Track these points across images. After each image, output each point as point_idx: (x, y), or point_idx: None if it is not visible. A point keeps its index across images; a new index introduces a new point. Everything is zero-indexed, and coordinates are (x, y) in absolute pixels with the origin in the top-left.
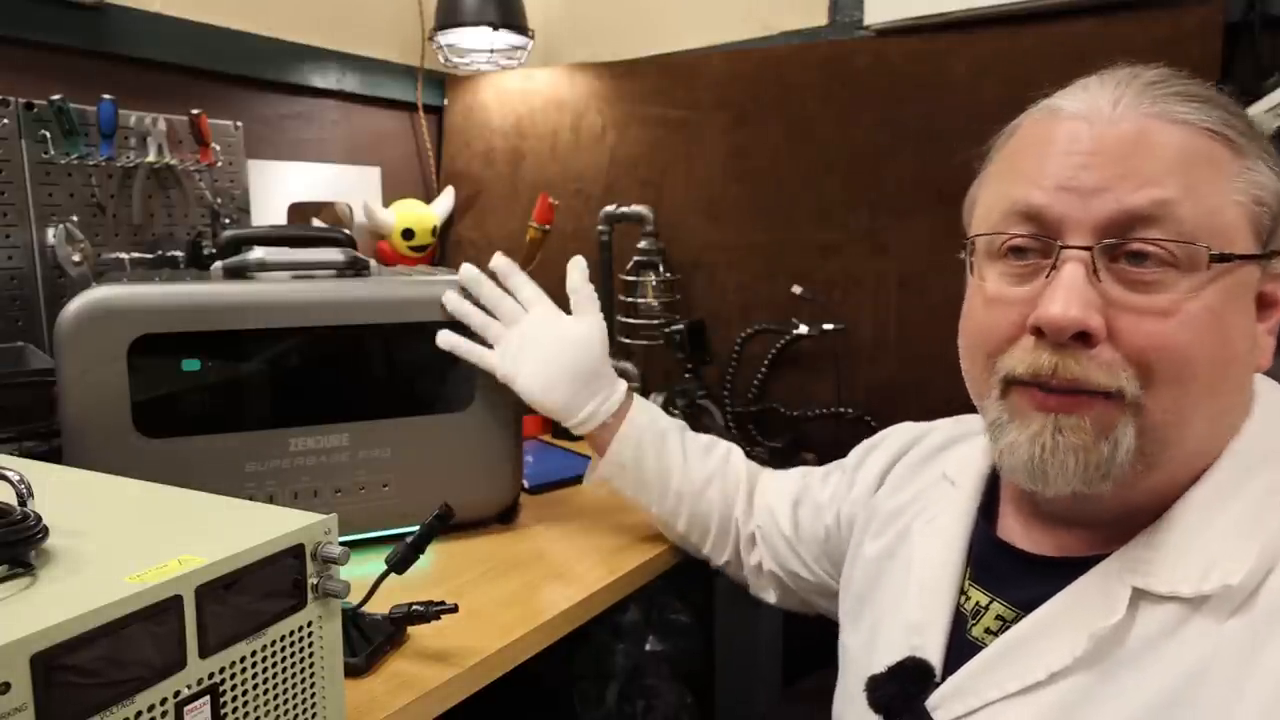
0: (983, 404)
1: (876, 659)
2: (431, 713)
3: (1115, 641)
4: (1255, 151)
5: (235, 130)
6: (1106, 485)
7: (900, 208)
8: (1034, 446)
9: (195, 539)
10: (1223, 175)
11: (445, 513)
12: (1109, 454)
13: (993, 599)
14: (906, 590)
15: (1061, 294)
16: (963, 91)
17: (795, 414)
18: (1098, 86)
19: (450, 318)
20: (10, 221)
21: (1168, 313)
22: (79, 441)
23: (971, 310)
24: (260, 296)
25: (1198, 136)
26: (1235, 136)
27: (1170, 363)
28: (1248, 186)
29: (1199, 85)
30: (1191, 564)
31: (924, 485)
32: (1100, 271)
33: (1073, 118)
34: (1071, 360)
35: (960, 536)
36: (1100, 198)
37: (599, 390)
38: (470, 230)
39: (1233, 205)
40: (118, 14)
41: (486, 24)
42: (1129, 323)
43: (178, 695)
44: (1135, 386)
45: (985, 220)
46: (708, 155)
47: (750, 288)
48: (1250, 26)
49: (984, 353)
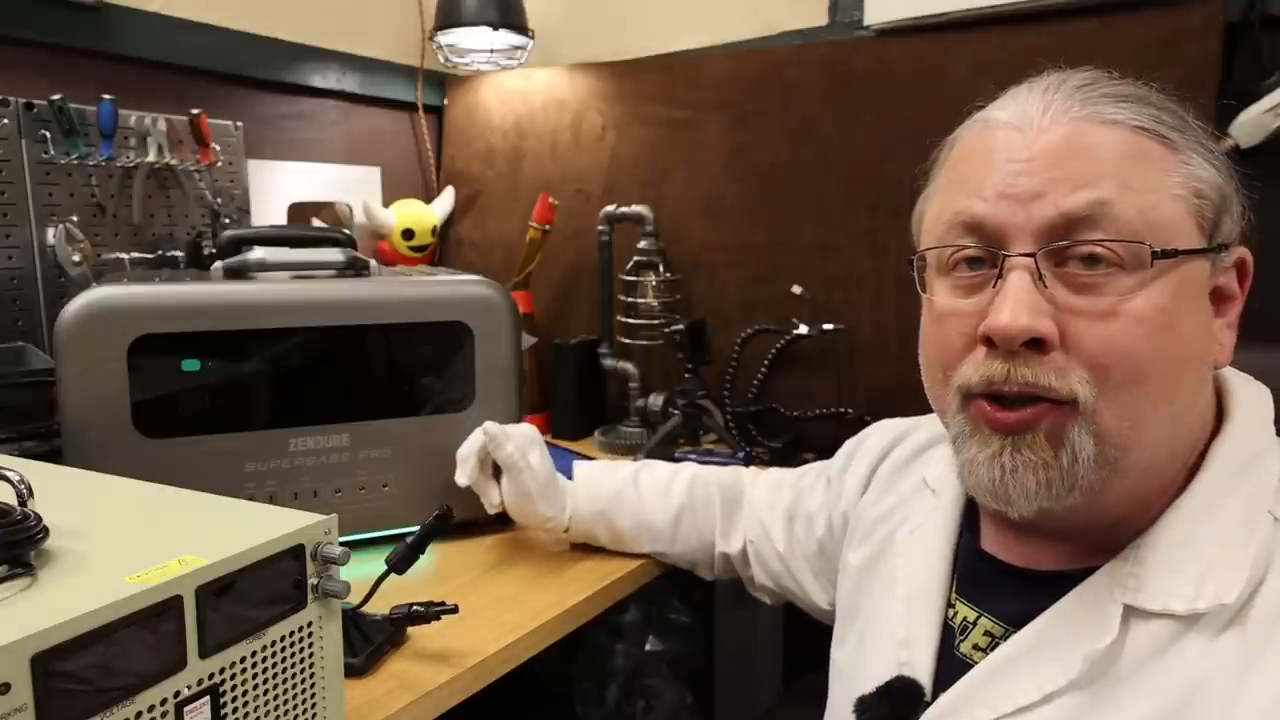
0: (945, 420)
1: (864, 675)
2: (431, 713)
3: (1109, 660)
4: (1190, 145)
5: (235, 130)
6: (1075, 497)
7: (900, 208)
8: (993, 468)
9: (195, 539)
10: (1158, 171)
11: (445, 513)
12: (1069, 466)
13: (980, 614)
14: (892, 604)
15: (1009, 302)
16: (963, 91)
17: (795, 414)
18: (1026, 94)
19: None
20: (10, 221)
21: (1115, 313)
22: (79, 441)
23: (925, 327)
24: (260, 296)
25: (1129, 135)
26: (1167, 132)
27: (1123, 365)
28: (1185, 180)
29: (1129, 84)
30: (1182, 579)
31: (906, 492)
32: (1047, 277)
33: (1006, 127)
34: (1024, 367)
35: (944, 548)
36: (1038, 203)
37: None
38: (470, 230)
39: (1172, 200)
40: (118, 14)
41: (486, 24)
42: (1080, 327)
43: (178, 695)
44: (1090, 391)
45: (931, 235)
46: (708, 155)
47: (750, 288)
48: (1250, 26)
49: (940, 367)
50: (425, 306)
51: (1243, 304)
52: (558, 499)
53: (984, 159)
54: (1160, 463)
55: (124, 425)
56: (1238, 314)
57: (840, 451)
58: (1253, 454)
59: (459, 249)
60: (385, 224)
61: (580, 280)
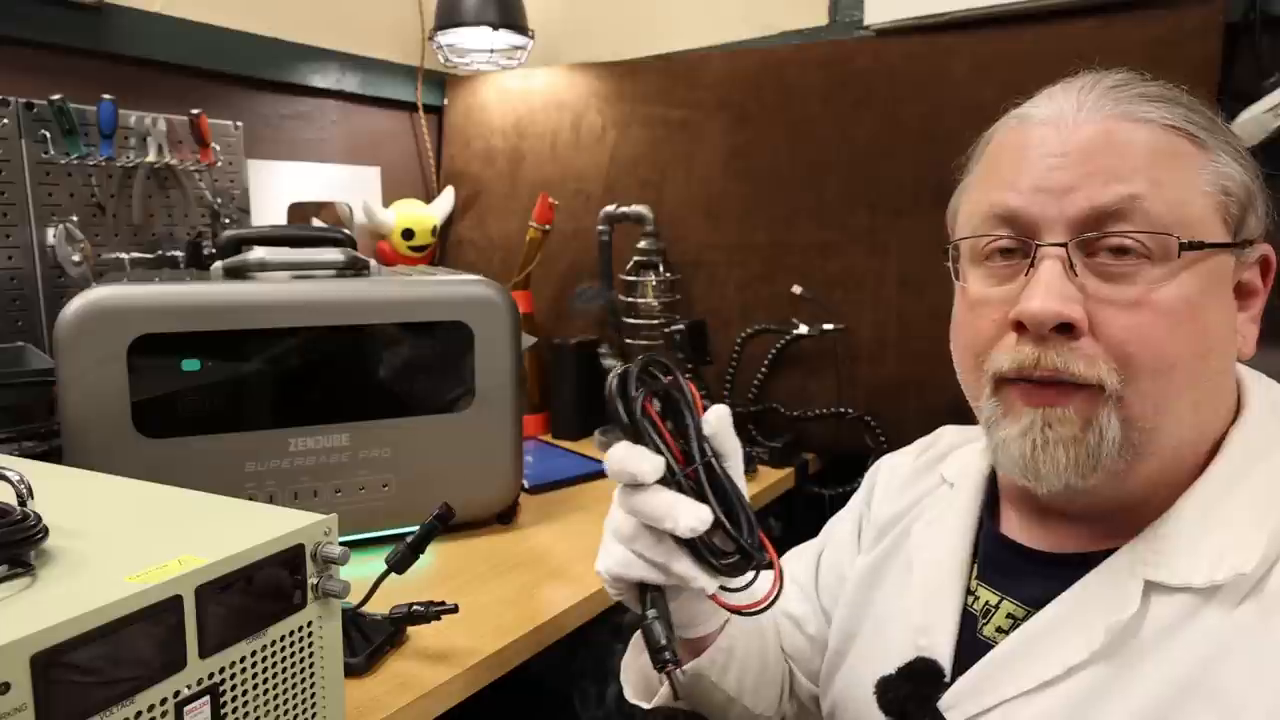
0: (977, 405)
1: (879, 662)
2: (431, 713)
3: (1130, 633)
4: (1218, 145)
5: (235, 130)
6: (1097, 476)
7: (900, 208)
8: (1025, 442)
9: (195, 539)
10: (1188, 168)
11: (445, 513)
12: (1095, 444)
13: (1002, 597)
14: (908, 592)
15: (1040, 289)
16: (963, 91)
17: (795, 414)
18: (1062, 93)
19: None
20: (10, 221)
21: (1142, 303)
22: (79, 441)
23: (958, 314)
24: (260, 296)
25: (1161, 133)
26: (1197, 131)
27: (1149, 353)
28: (1214, 178)
29: (1160, 86)
30: (1202, 555)
31: (922, 491)
32: (1077, 266)
33: (1042, 124)
34: (1053, 352)
35: (964, 535)
36: (1071, 196)
37: None
38: (470, 230)
39: (1200, 196)
40: (118, 14)
41: (486, 24)
42: (1108, 315)
43: (178, 695)
44: (1115, 379)
45: (967, 226)
46: (708, 155)
47: (750, 288)
48: (1250, 26)
49: (973, 354)
50: (425, 306)
51: (1266, 299)
52: None
53: (1019, 154)
54: (1182, 449)
55: (124, 425)
56: (1260, 308)
57: (865, 480)
58: (1270, 439)
59: (459, 249)
60: (385, 224)
61: (580, 280)
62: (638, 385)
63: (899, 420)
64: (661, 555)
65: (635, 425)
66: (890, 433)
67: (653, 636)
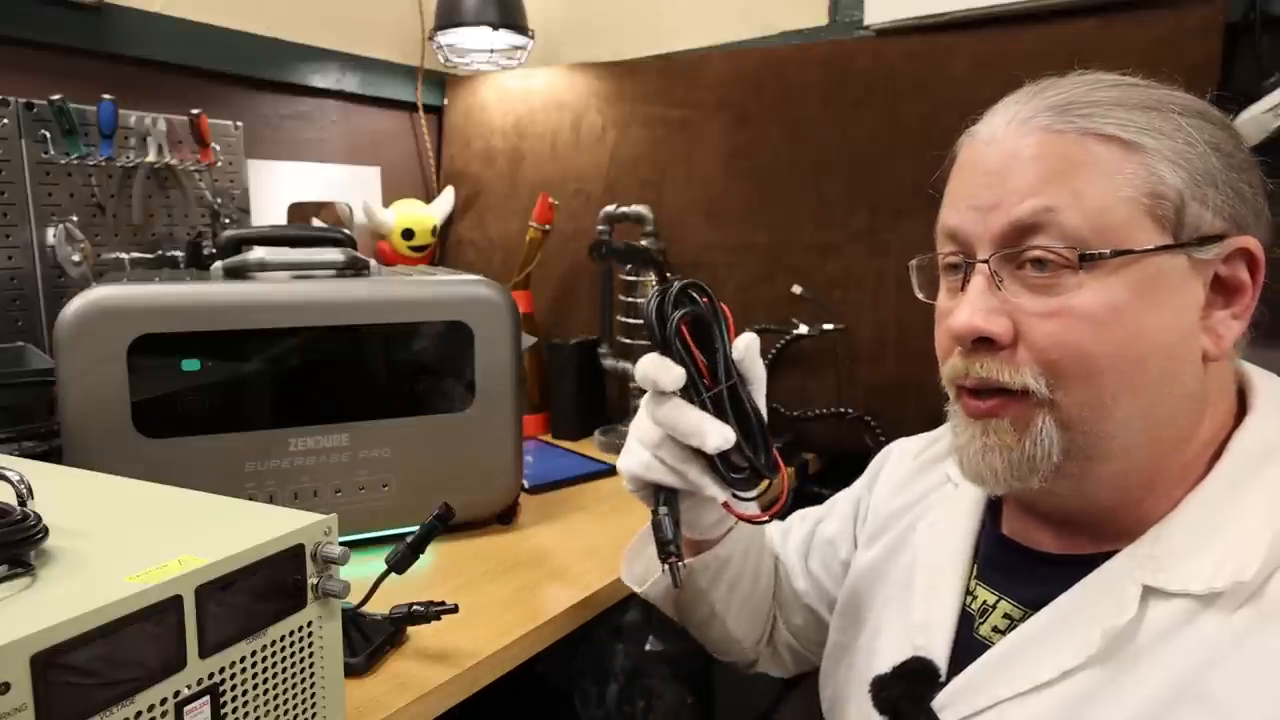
0: (946, 410)
1: (878, 659)
2: (431, 713)
3: (1126, 637)
4: (1156, 146)
5: (235, 130)
6: (1035, 480)
7: (900, 208)
8: (969, 450)
9: (195, 539)
10: (1107, 175)
11: (445, 513)
12: (1032, 451)
13: (1000, 597)
14: (910, 590)
15: (966, 305)
16: (963, 91)
17: (795, 414)
18: (1001, 110)
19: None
20: (10, 221)
21: (1062, 311)
22: (79, 441)
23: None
24: (260, 296)
25: (1078, 143)
26: (1130, 136)
27: (1071, 360)
28: (1141, 182)
29: (1107, 87)
30: (1201, 560)
31: (928, 487)
32: (1005, 280)
33: (983, 142)
34: (978, 364)
35: (965, 535)
36: (994, 213)
37: None
38: (470, 230)
39: (1123, 203)
40: (118, 14)
41: (486, 24)
42: (1032, 324)
43: (178, 695)
44: (1043, 385)
45: (935, 243)
46: (708, 155)
47: (750, 288)
48: (1250, 26)
49: (940, 363)
50: (425, 306)
51: (1257, 293)
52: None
53: (963, 172)
54: (1141, 450)
55: (124, 425)
56: (1248, 304)
57: (870, 466)
58: (1274, 444)
59: (459, 249)
60: (385, 224)
61: (580, 280)
62: (674, 306)
63: (899, 420)
64: (681, 463)
65: (666, 341)
66: (890, 433)
67: (662, 531)
